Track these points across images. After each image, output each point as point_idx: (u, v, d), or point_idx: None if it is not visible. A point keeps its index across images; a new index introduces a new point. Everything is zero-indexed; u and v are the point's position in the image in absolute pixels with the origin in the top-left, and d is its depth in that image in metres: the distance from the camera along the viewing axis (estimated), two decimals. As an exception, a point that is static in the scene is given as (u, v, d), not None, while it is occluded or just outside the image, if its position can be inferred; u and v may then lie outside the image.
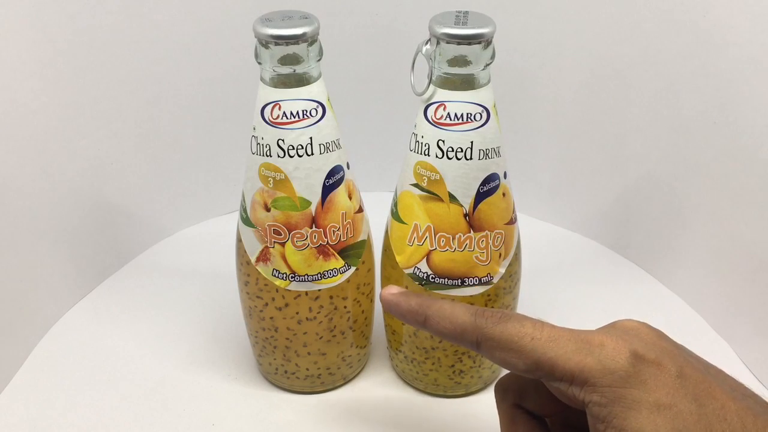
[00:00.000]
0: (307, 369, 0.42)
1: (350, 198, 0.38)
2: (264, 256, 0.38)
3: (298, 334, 0.40)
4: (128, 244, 0.55)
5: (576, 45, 0.52)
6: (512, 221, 0.38)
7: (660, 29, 0.47)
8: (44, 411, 0.42)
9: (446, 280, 0.38)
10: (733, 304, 0.47)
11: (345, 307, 0.40)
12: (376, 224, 0.41)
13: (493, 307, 0.39)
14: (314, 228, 0.37)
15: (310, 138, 0.35)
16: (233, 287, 0.42)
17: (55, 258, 0.48)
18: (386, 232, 0.40)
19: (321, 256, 0.37)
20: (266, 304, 0.39)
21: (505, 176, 0.37)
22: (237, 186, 0.39)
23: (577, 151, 0.56)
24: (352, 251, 0.39)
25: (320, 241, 0.37)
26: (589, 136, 0.54)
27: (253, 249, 0.38)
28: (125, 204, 0.53)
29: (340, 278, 0.38)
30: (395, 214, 0.38)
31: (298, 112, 0.35)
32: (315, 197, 0.36)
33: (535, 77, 0.54)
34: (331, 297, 0.39)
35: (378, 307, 0.43)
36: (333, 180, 0.36)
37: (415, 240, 0.37)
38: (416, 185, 0.37)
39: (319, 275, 0.38)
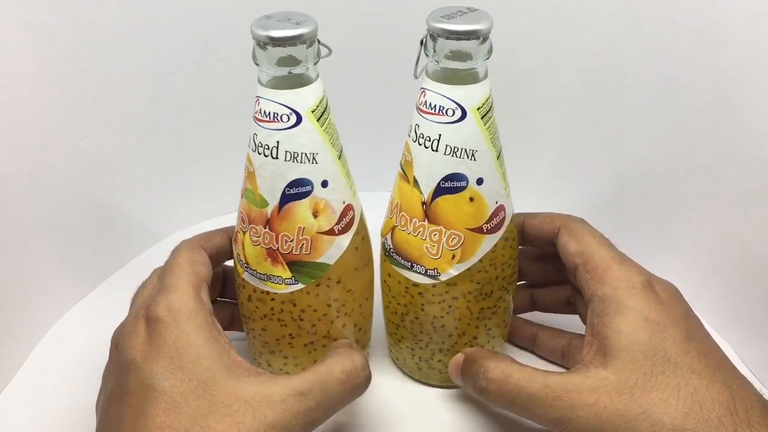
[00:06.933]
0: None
1: (315, 216, 0.36)
2: (236, 238, 0.39)
3: (296, 336, 0.40)
4: (128, 244, 0.55)
5: (575, 45, 0.52)
6: (482, 230, 0.37)
7: (660, 29, 0.47)
8: (44, 411, 0.42)
9: (401, 258, 0.38)
10: (733, 304, 0.47)
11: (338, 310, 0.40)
12: (376, 225, 0.41)
13: (489, 304, 0.39)
14: (267, 229, 0.37)
15: (277, 142, 0.35)
16: (233, 287, 0.42)
17: (55, 258, 0.48)
18: None
19: (269, 259, 0.37)
20: (257, 307, 0.39)
21: (478, 182, 0.36)
22: (237, 186, 0.39)
23: (576, 150, 0.55)
24: (305, 269, 0.37)
25: (270, 245, 0.37)
26: (589, 135, 0.54)
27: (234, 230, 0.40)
28: (125, 204, 0.53)
29: (286, 288, 0.38)
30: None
31: (270, 113, 0.35)
32: (273, 200, 0.36)
33: (534, 77, 0.54)
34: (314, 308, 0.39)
35: (378, 306, 0.43)
36: (295, 191, 0.36)
37: (390, 212, 0.39)
38: (401, 162, 0.38)
39: (266, 276, 0.38)
